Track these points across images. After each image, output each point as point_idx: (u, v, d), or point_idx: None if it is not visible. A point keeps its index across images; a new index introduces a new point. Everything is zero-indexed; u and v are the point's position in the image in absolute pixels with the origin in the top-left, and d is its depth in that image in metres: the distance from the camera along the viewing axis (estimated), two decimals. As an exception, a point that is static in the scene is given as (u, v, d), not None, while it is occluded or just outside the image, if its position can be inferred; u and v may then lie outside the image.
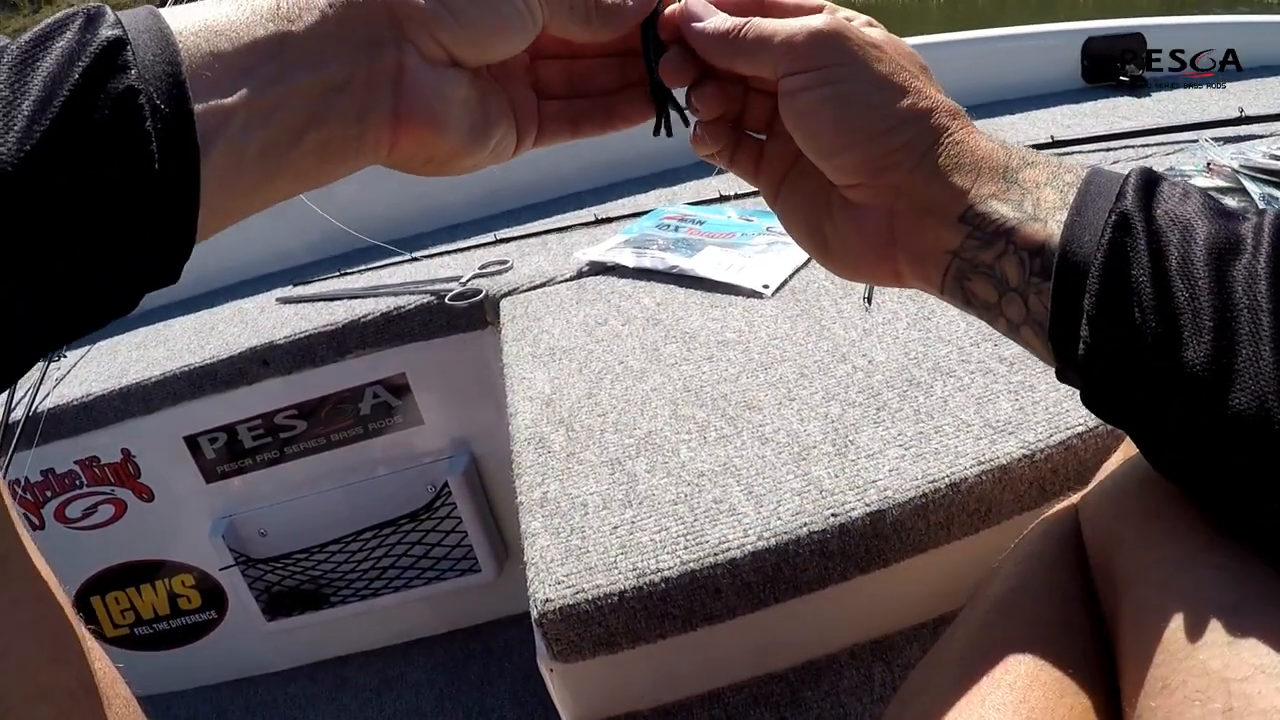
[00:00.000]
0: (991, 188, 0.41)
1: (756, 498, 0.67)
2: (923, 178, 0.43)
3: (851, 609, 0.72)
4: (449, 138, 0.41)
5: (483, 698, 1.47)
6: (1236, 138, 1.26)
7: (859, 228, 0.45)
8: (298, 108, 0.36)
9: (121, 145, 0.31)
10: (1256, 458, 0.34)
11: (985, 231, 0.41)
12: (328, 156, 0.38)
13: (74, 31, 0.32)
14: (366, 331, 1.28)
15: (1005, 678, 0.44)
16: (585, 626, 0.63)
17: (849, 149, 0.43)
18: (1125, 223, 0.37)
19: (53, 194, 0.30)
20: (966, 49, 1.73)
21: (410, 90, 0.39)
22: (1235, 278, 0.35)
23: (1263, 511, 0.35)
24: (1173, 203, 0.38)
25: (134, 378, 1.30)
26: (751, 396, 0.80)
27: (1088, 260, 0.37)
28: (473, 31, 0.40)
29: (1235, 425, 0.34)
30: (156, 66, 0.32)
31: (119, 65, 0.31)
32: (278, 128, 0.36)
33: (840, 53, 0.43)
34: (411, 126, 0.40)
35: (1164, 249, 0.36)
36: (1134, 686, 0.38)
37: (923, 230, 0.43)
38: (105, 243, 0.32)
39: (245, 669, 1.63)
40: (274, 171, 0.36)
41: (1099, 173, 0.40)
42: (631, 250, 1.17)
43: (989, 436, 0.68)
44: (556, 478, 0.75)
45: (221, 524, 1.42)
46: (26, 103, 0.30)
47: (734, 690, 0.71)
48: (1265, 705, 0.31)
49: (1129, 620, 0.40)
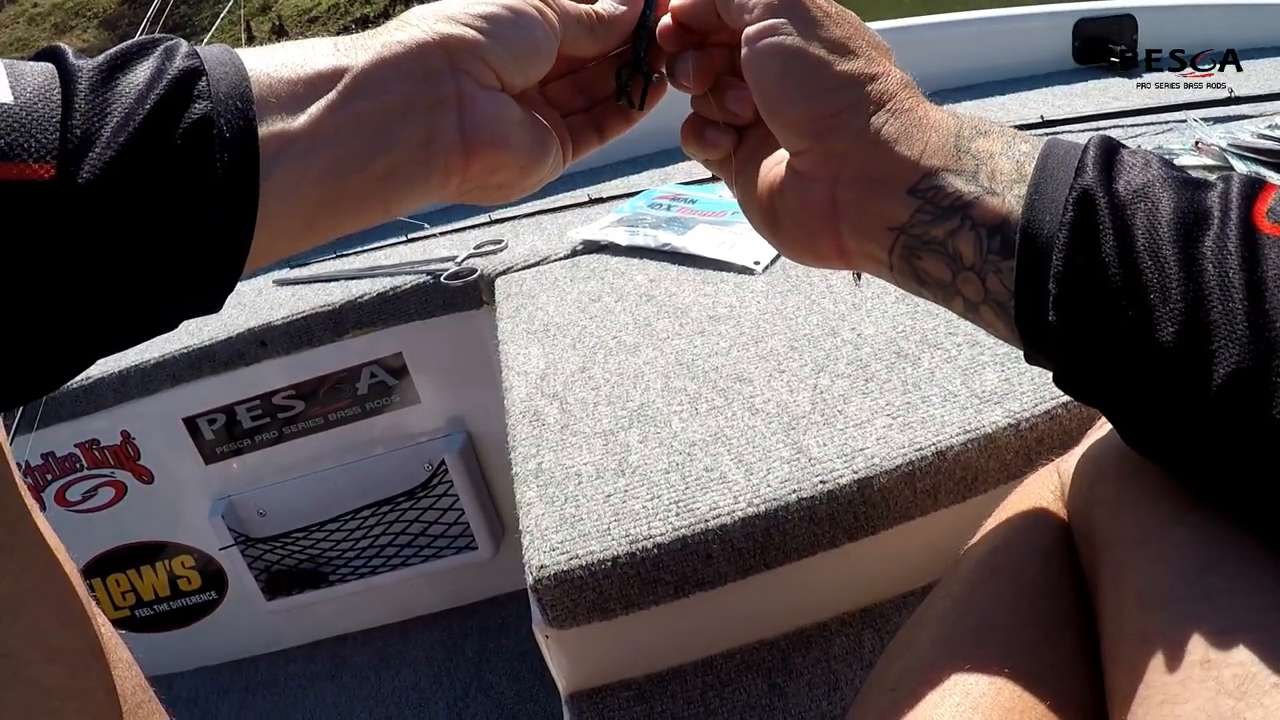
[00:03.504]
0: (942, 159, 0.40)
1: (746, 466, 0.68)
2: (868, 144, 0.42)
3: (841, 576, 0.73)
4: (516, 156, 0.44)
5: (480, 674, 1.49)
6: (1226, 118, 1.27)
7: (804, 199, 0.45)
8: (362, 133, 0.38)
9: (191, 169, 0.33)
10: (1234, 434, 0.33)
11: (938, 206, 0.40)
12: (395, 183, 0.40)
13: (155, 59, 0.34)
14: (363, 312, 1.29)
15: (988, 634, 0.45)
16: (580, 592, 0.64)
17: (793, 103, 0.43)
18: (1087, 198, 0.36)
19: (122, 212, 0.32)
20: (958, 29, 1.74)
21: (473, 115, 0.42)
22: (1204, 252, 0.34)
23: (1241, 484, 0.35)
24: (1134, 173, 0.37)
25: (133, 360, 1.31)
26: (742, 369, 0.81)
27: (1050, 240, 0.36)
28: (515, 54, 0.43)
29: (1213, 403, 0.33)
30: (229, 99, 0.34)
31: (195, 94, 0.33)
32: (341, 151, 0.38)
33: (798, 9, 0.43)
34: (480, 149, 0.42)
35: (1129, 225, 0.35)
36: (1112, 639, 0.39)
37: (869, 202, 0.42)
38: (164, 260, 0.33)
39: (245, 649, 1.65)
40: (338, 196, 0.38)
41: (1056, 143, 0.39)
42: (625, 229, 1.18)
43: (975, 406, 0.70)
44: (551, 449, 0.76)
45: (221, 504, 1.43)
46: (109, 124, 0.32)
47: (726, 657, 0.73)
48: (1242, 657, 0.32)
49: (1109, 577, 0.41)
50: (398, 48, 0.40)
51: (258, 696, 1.58)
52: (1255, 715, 0.31)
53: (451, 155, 0.41)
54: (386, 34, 0.40)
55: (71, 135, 0.31)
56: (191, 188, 0.33)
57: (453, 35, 0.41)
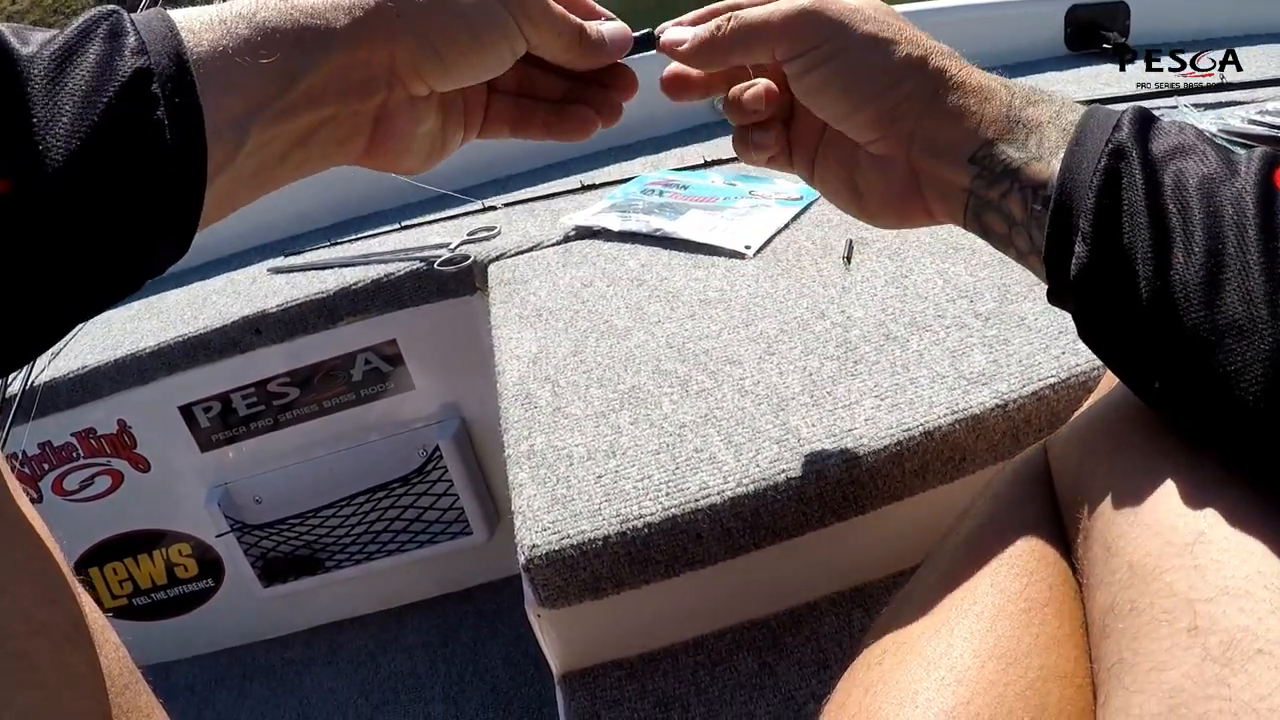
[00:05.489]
0: (996, 128, 0.44)
1: (736, 446, 0.69)
2: (932, 122, 0.46)
3: (831, 556, 0.74)
4: (408, 161, 0.48)
5: (476, 659, 1.50)
6: (1218, 104, 1.27)
7: (885, 178, 0.49)
8: (291, 137, 0.41)
9: (142, 171, 0.34)
10: (1245, 363, 0.35)
11: (993, 171, 0.44)
12: (303, 170, 0.43)
13: (100, 47, 0.34)
14: (357, 299, 1.29)
15: (973, 608, 0.46)
16: (571, 571, 0.65)
17: (859, 110, 0.47)
18: (1120, 151, 0.39)
19: (79, 218, 0.33)
20: (949, 17, 1.73)
21: (387, 127, 0.45)
22: (1225, 198, 0.37)
23: (1255, 424, 0.36)
24: (1168, 137, 0.40)
25: (128, 349, 1.31)
26: (732, 352, 0.82)
27: (1084, 185, 0.40)
28: (456, 74, 0.44)
29: (1225, 332, 0.35)
30: (176, 102, 0.35)
31: (146, 97, 0.34)
32: (271, 153, 0.41)
33: (825, 28, 0.46)
34: (381, 155, 0.46)
35: (1158, 174, 0.38)
36: (1102, 610, 0.40)
37: (938, 172, 0.47)
38: (119, 247, 0.35)
39: (243, 636, 1.66)
40: (260, 184, 0.42)
41: (1097, 110, 0.43)
42: (617, 214, 1.18)
43: (963, 387, 0.70)
44: (543, 431, 0.76)
45: (217, 492, 1.44)
46: (59, 127, 0.32)
47: (717, 636, 0.74)
48: (1228, 624, 0.33)
49: (1099, 547, 0.42)
50: (349, 55, 0.41)
51: (255, 683, 1.58)
52: (1239, 681, 0.31)
53: (352, 153, 0.45)
54: (350, 30, 0.40)
55: (25, 146, 0.31)
56: (142, 191, 0.35)
57: (406, 51, 0.42)
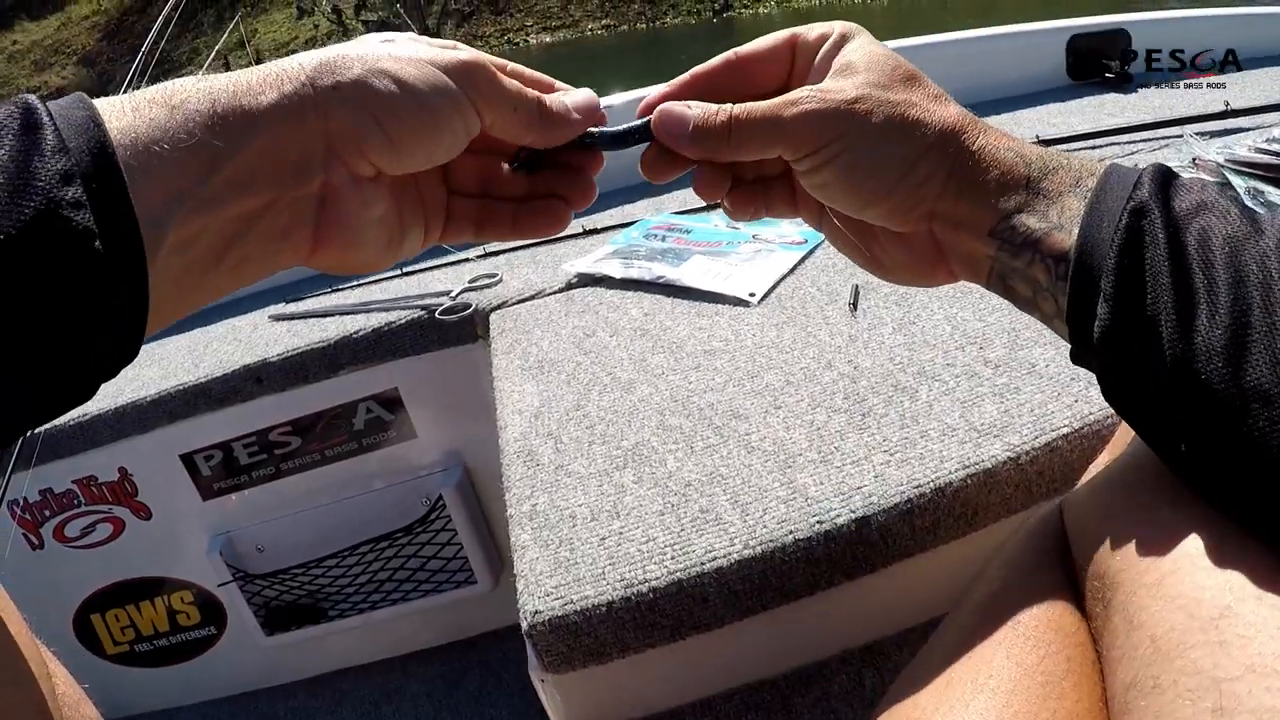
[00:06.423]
0: (1017, 199, 0.43)
1: (742, 507, 0.68)
2: (951, 200, 0.45)
3: (840, 615, 0.72)
4: (362, 254, 0.43)
5: (481, 709, 1.47)
6: (1223, 131, 1.26)
7: (908, 249, 0.48)
8: (223, 231, 0.37)
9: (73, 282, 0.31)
10: (1273, 428, 0.34)
11: (1014, 244, 0.43)
12: (245, 273, 0.39)
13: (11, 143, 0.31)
14: (358, 347, 1.28)
15: (989, 682, 0.45)
16: (575, 637, 0.63)
17: (873, 205, 0.46)
18: (1142, 210, 0.38)
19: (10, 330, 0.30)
20: (950, 50, 1.74)
21: (332, 212, 0.40)
22: (1249, 257, 0.36)
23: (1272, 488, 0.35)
24: (1191, 193, 0.39)
25: (129, 397, 1.31)
26: (738, 405, 0.81)
27: (1105, 244, 0.39)
28: (404, 152, 0.40)
29: (1251, 396, 0.34)
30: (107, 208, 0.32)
31: (72, 203, 0.31)
32: (200, 251, 0.36)
33: (835, 125, 0.44)
34: (329, 247, 0.41)
35: (1180, 233, 0.38)
36: (1123, 685, 0.39)
37: (960, 242, 0.46)
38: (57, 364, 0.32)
39: (245, 684, 1.63)
40: (192, 288, 0.37)
41: (1116, 168, 0.42)
42: (619, 261, 1.17)
43: (974, 440, 0.69)
44: (545, 490, 0.75)
45: (219, 540, 1.43)
46: None
47: (725, 698, 0.72)
48: (1255, 704, 0.32)
49: (1120, 619, 0.41)
50: (281, 132, 0.37)
51: (259, 732, 1.56)
52: None
53: (299, 247, 0.41)
54: (278, 105, 0.37)
55: None
56: (75, 303, 0.31)
57: (342, 125, 0.38)
